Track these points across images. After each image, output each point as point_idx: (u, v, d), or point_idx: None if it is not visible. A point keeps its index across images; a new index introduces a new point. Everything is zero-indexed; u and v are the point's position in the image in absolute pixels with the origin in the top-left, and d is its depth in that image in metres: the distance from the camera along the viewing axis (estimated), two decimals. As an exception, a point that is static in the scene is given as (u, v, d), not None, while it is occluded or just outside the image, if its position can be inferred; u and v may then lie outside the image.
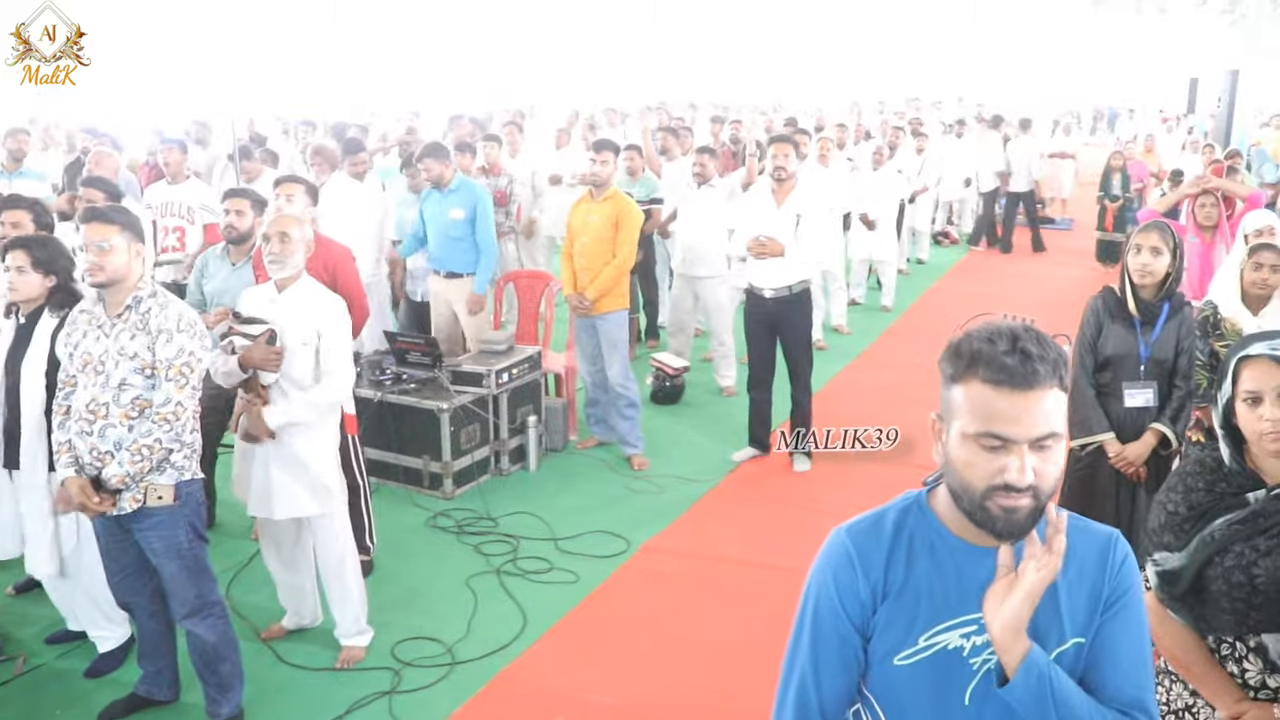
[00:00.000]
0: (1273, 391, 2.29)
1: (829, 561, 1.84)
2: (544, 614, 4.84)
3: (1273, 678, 2.35)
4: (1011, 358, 1.64)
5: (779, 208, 6.29)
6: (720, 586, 5.13)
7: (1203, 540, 2.35)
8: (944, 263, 13.98)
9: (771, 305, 6.37)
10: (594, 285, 6.49)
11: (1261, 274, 4.53)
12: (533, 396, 6.67)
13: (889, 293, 11.25)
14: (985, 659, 1.74)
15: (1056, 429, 1.65)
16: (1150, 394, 4.24)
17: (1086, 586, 1.79)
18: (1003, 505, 1.65)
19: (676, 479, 6.42)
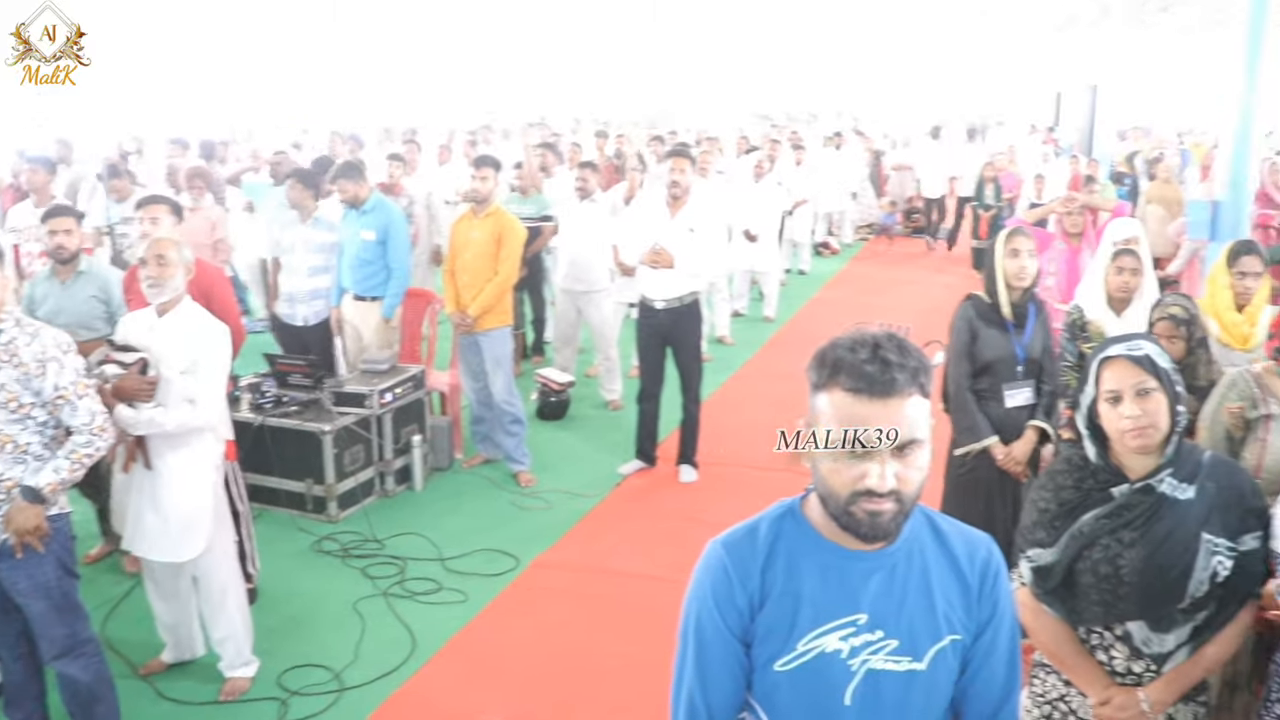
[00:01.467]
0: (1131, 390, 2.39)
1: (706, 574, 1.87)
2: (433, 635, 4.80)
3: (1137, 663, 2.47)
4: (871, 366, 1.68)
5: (672, 219, 6.36)
6: (610, 601, 5.15)
7: (1072, 535, 2.45)
8: (825, 273, 14.25)
9: (663, 316, 6.41)
10: (477, 302, 6.47)
11: (1123, 278, 4.76)
12: (417, 416, 6.61)
13: (771, 303, 11.42)
14: (864, 659, 1.79)
15: (917, 435, 1.69)
16: (1029, 392, 4.43)
17: (961, 587, 1.85)
18: (867, 510, 1.69)
19: (564, 494, 6.43)
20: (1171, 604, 2.41)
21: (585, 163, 8.50)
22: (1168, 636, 2.45)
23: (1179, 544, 2.39)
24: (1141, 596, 2.41)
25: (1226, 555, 2.41)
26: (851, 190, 16.23)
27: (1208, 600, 2.43)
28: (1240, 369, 3.22)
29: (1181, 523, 2.40)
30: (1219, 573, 2.40)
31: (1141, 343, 2.47)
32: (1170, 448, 2.43)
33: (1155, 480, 2.43)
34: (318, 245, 6.84)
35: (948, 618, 1.83)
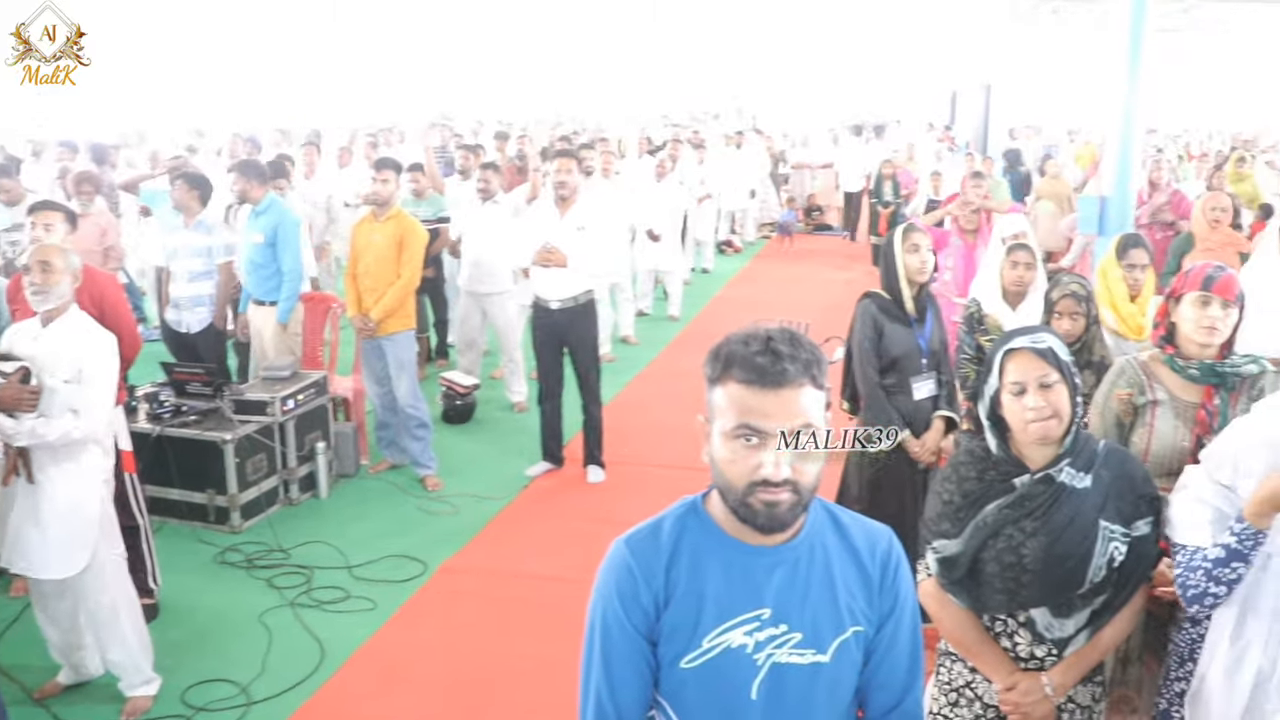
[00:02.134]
0: (1035, 382, 2.44)
1: (610, 574, 1.87)
2: (342, 644, 4.74)
3: (1039, 648, 2.53)
4: (763, 357, 1.70)
5: (562, 220, 6.35)
6: (519, 603, 5.13)
7: (976, 526, 2.50)
8: (728, 271, 14.37)
9: (558, 316, 6.40)
10: (379, 306, 6.40)
11: (1018, 272, 4.89)
12: (321, 422, 6.51)
13: (675, 302, 11.49)
14: (769, 654, 1.80)
15: (811, 424, 1.72)
16: (933, 384, 4.54)
17: (863, 579, 1.88)
18: (764, 500, 1.72)
19: (471, 498, 6.39)
20: (1072, 590, 2.48)
21: (487, 164, 8.45)
22: (1068, 622, 2.52)
23: (1078, 532, 2.45)
24: (1043, 584, 2.47)
25: (1121, 541, 2.48)
26: (751, 189, 16.40)
27: (1105, 585, 2.50)
28: (1128, 357, 3.32)
29: (1080, 511, 2.46)
30: (1115, 558, 2.47)
31: (1044, 335, 2.52)
32: (1069, 438, 2.49)
33: (1054, 470, 2.49)
34: (197, 250, 6.67)
35: (850, 609, 1.86)
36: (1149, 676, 3.13)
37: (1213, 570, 2.37)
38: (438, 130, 13.19)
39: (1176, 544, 2.51)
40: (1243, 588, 2.37)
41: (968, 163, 12.76)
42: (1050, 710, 2.53)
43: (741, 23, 29.05)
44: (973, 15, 22.14)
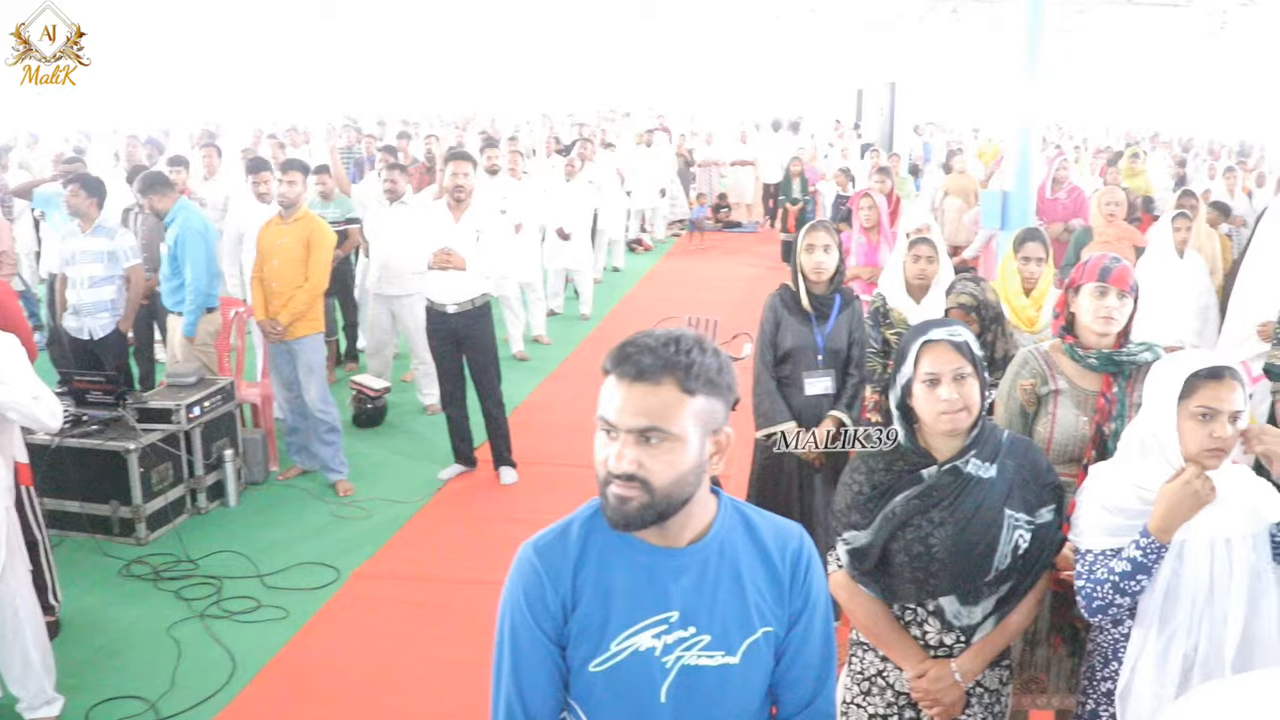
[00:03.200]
0: (950, 374, 2.48)
1: (518, 578, 1.87)
2: (254, 655, 4.65)
3: (948, 635, 2.58)
4: (630, 350, 1.73)
5: (457, 223, 6.30)
6: (434, 607, 5.09)
7: (885, 517, 2.53)
8: (639, 269, 14.41)
9: (454, 320, 6.35)
10: (287, 309, 6.29)
11: (920, 265, 4.98)
12: (228, 429, 6.38)
13: (586, 301, 11.48)
14: (678, 656, 1.81)
15: (663, 427, 1.71)
16: (829, 382, 4.56)
17: (773, 579, 1.89)
18: (614, 494, 1.72)
19: (384, 502, 6.32)
20: (979, 578, 2.53)
21: (394, 165, 8.37)
22: (975, 609, 2.57)
23: (984, 521, 2.50)
24: (952, 573, 2.51)
25: (1026, 529, 2.54)
26: (661, 187, 16.47)
27: (1010, 572, 2.55)
28: (1030, 348, 3.40)
29: (986, 501, 2.51)
30: (1020, 546, 2.53)
31: (960, 329, 2.56)
32: (975, 430, 2.54)
33: (961, 461, 2.53)
34: (97, 254, 6.50)
35: (760, 610, 1.86)
36: (1055, 658, 3.21)
37: (1120, 584, 2.44)
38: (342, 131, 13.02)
39: (1079, 550, 2.58)
40: (1162, 579, 2.43)
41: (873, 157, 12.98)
42: (960, 696, 2.58)
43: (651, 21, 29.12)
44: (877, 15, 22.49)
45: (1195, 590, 2.41)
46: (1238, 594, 2.39)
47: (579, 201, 11.09)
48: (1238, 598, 2.39)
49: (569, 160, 11.53)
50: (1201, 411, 2.42)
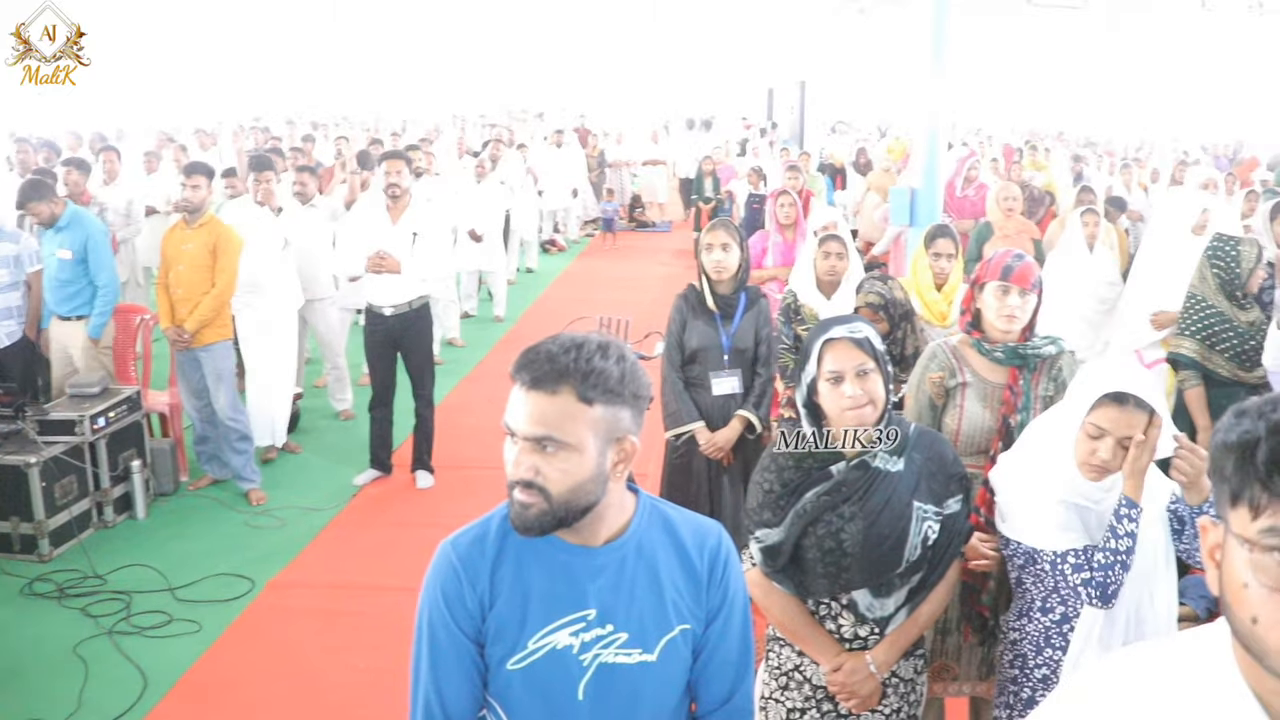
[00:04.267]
0: (852, 370, 2.50)
1: (436, 576, 1.87)
2: (166, 671, 4.54)
3: (862, 628, 2.62)
4: (531, 356, 1.74)
5: (394, 225, 6.24)
6: (352, 615, 5.02)
7: (796, 514, 2.55)
8: (553, 270, 14.38)
9: (392, 323, 6.31)
10: (193, 316, 6.16)
11: (830, 262, 5.03)
12: (135, 439, 6.22)
13: (500, 303, 11.43)
14: (596, 654, 1.82)
15: (559, 435, 1.71)
16: (735, 381, 4.59)
17: (691, 577, 1.90)
18: (516, 499, 1.74)
19: (298, 510, 6.22)
20: (890, 570, 2.56)
21: (303, 166, 8.24)
22: (888, 601, 2.61)
23: (894, 514, 2.54)
24: (863, 566, 2.54)
25: (934, 520, 2.58)
26: (573, 187, 16.47)
27: (921, 563, 2.60)
28: (938, 342, 3.46)
29: (895, 494, 2.55)
30: (929, 537, 2.57)
31: (861, 325, 2.59)
32: (882, 424, 2.57)
33: (869, 456, 2.56)
34: (4, 260, 6.31)
35: (677, 608, 1.87)
36: (966, 646, 3.28)
37: (1127, 560, 2.48)
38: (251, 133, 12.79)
39: (1052, 553, 2.59)
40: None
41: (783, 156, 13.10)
42: (876, 687, 2.62)
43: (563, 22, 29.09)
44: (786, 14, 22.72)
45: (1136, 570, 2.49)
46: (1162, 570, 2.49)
47: (490, 203, 11.04)
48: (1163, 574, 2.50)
49: (479, 161, 11.46)
50: (1093, 431, 2.51)
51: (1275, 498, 1.10)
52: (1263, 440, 1.12)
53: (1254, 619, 1.12)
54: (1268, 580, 1.10)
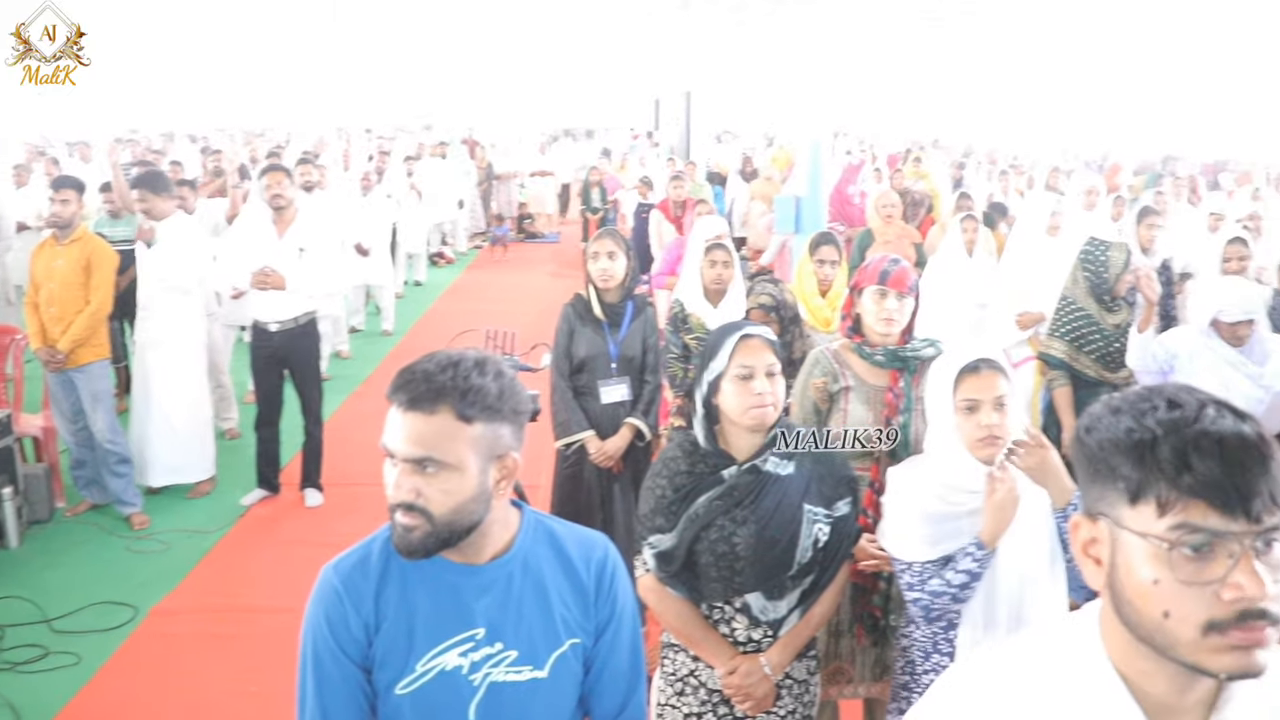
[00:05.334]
0: (764, 370, 2.55)
1: (319, 602, 1.83)
2: (41, 708, 4.36)
3: (756, 631, 2.64)
4: (407, 377, 1.73)
5: (280, 239, 6.13)
6: (240, 640, 4.91)
7: (689, 519, 2.58)
8: (441, 283, 14.26)
9: (278, 339, 6.19)
10: (67, 336, 5.95)
11: (716, 271, 5.08)
12: (6, 465, 5.98)
13: (388, 317, 11.30)
14: (486, 673, 1.80)
15: (438, 457, 1.70)
16: (624, 389, 4.62)
17: (578, 590, 1.90)
18: (400, 523, 1.72)
19: (182, 533, 6.05)
20: (782, 573, 2.60)
21: (182, 180, 8.04)
22: (781, 603, 2.64)
23: (785, 517, 2.58)
24: (757, 569, 2.58)
25: (825, 522, 2.62)
26: (459, 199, 16.36)
27: (812, 566, 2.64)
28: (821, 348, 3.52)
29: (786, 497, 2.59)
30: (820, 539, 2.62)
31: (766, 329, 2.66)
32: (773, 429, 2.62)
33: (760, 460, 2.60)
34: None
35: (566, 622, 1.87)
36: (860, 648, 3.33)
37: (958, 593, 2.54)
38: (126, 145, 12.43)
39: (898, 561, 2.67)
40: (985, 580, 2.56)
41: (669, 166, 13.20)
42: (770, 688, 2.64)
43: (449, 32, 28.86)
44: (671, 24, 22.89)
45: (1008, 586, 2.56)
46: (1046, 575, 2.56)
47: (376, 216, 10.91)
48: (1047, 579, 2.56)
49: (365, 174, 11.32)
50: (966, 405, 2.58)
51: (1184, 494, 1.14)
52: (1161, 440, 1.16)
53: (1166, 614, 1.16)
54: (1182, 575, 1.14)
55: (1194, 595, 1.13)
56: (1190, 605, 1.14)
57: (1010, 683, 1.30)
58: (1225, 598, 1.12)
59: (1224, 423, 1.16)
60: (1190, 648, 1.14)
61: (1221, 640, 1.13)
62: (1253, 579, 1.11)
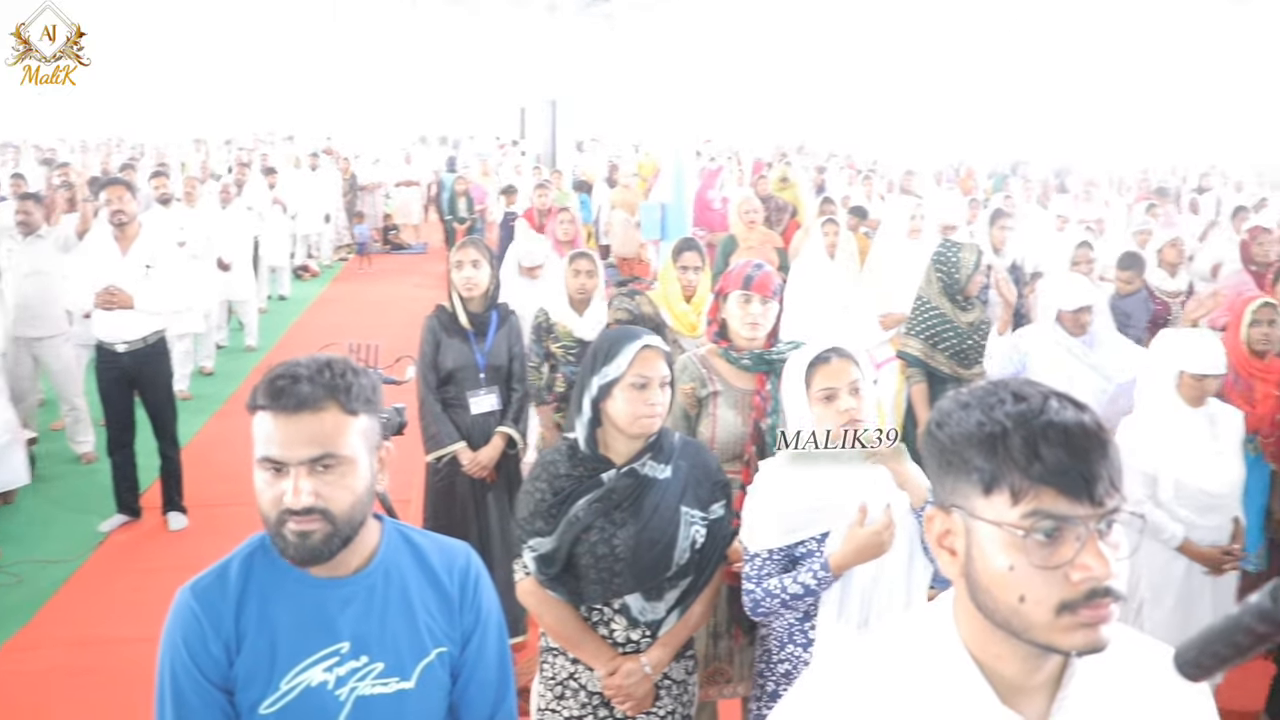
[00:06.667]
0: (658, 379, 2.59)
1: (176, 625, 1.79)
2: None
3: (635, 632, 2.67)
4: (283, 381, 1.71)
5: (125, 256, 5.93)
6: (102, 672, 4.72)
7: (569, 522, 2.60)
8: (306, 296, 13.99)
9: (126, 360, 5.99)
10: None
11: (580, 280, 5.13)
12: None
13: (252, 332, 11.04)
14: (352, 687, 1.79)
15: (335, 450, 1.71)
16: (494, 398, 4.62)
17: (443, 599, 1.90)
18: (293, 530, 1.70)
19: (36, 564, 5.80)
20: (660, 574, 2.63)
21: (26, 194, 7.71)
22: (660, 604, 2.67)
23: (663, 519, 2.62)
24: (635, 571, 2.61)
25: (701, 524, 2.67)
26: (326, 212, 16.08)
27: (689, 567, 2.68)
28: (688, 354, 3.57)
29: (663, 500, 2.63)
30: (696, 541, 2.66)
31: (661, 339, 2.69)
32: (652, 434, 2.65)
33: (639, 464, 2.64)
34: None
35: (431, 632, 1.87)
36: (738, 648, 3.38)
37: (790, 601, 2.60)
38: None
39: (747, 550, 2.72)
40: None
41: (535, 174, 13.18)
42: (650, 689, 2.67)
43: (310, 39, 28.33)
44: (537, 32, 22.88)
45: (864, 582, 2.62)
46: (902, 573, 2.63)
47: (237, 229, 10.64)
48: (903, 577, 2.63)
49: (224, 186, 11.04)
50: (825, 394, 2.66)
51: (1035, 483, 1.19)
52: (1011, 431, 1.21)
53: (1021, 598, 1.21)
54: (1035, 560, 1.20)
55: (1046, 579, 1.19)
56: (1044, 588, 1.19)
57: (869, 675, 1.35)
58: (1074, 579, 1.18)
59: (1066, 413, 1.22)
60: (1044, 629, 1.20)
61: (1073, 619, 1.19)
62: (1099, 559, 1.18)
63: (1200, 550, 3.89)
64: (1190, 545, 3.87)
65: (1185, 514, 3.87)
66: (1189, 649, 1.10)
